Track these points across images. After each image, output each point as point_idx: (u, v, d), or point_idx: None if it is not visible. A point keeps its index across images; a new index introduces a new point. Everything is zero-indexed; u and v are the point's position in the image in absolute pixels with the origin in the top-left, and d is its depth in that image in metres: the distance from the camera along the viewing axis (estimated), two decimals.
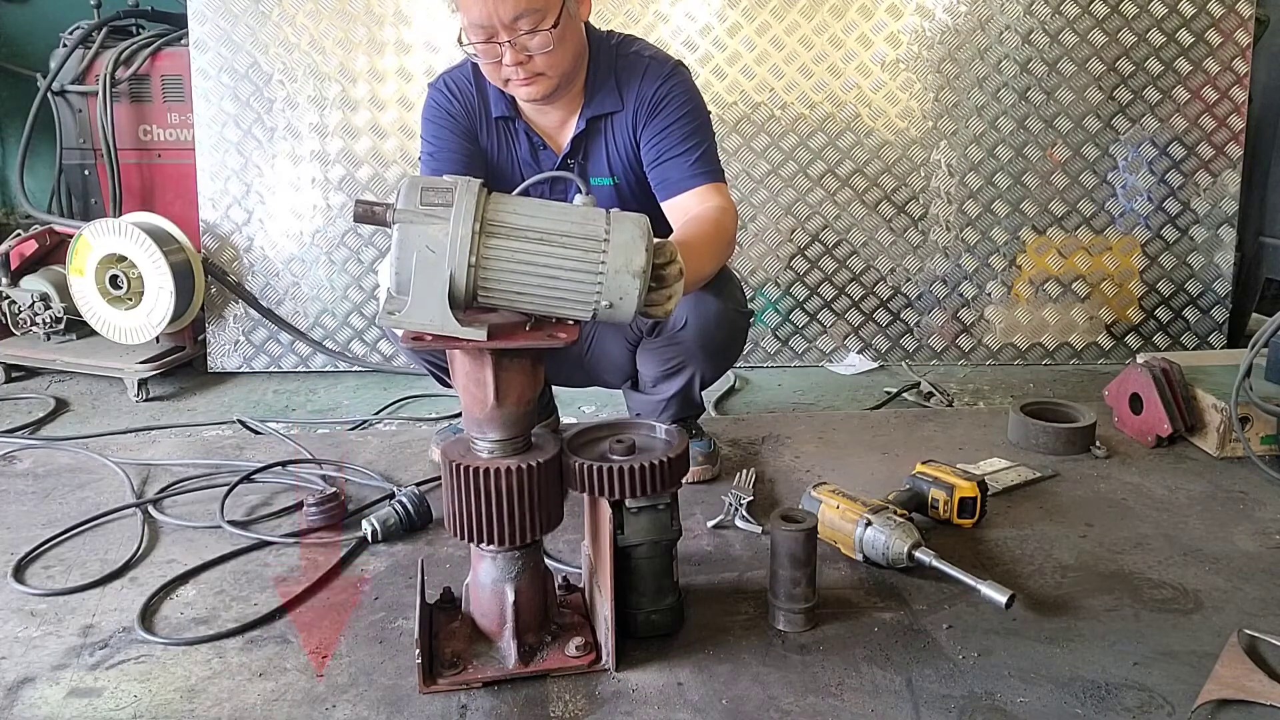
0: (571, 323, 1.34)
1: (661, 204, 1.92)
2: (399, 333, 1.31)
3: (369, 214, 1.29)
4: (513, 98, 1.93)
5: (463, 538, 1.39)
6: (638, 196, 1.97)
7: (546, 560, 1.54)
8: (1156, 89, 3.23)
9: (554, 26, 1.71)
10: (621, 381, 2.23)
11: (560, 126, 1.97)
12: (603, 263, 1.27)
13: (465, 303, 1.29)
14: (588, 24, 1.91)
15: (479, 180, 1.29)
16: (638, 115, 1.92)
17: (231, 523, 1.95)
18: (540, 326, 1.34)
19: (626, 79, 1.92)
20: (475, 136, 1.98)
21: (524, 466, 1.36)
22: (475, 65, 1.91)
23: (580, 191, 1.35)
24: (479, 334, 1.28)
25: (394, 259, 1.26)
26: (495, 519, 1.36)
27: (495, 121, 1.98)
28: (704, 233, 1.75)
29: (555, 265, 1.28)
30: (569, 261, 1.28)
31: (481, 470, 1.35)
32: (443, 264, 1.25)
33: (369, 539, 1.88)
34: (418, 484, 2.10)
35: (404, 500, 1.93)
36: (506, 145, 2.00)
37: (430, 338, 1.29)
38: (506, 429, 1.38)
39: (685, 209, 1.85)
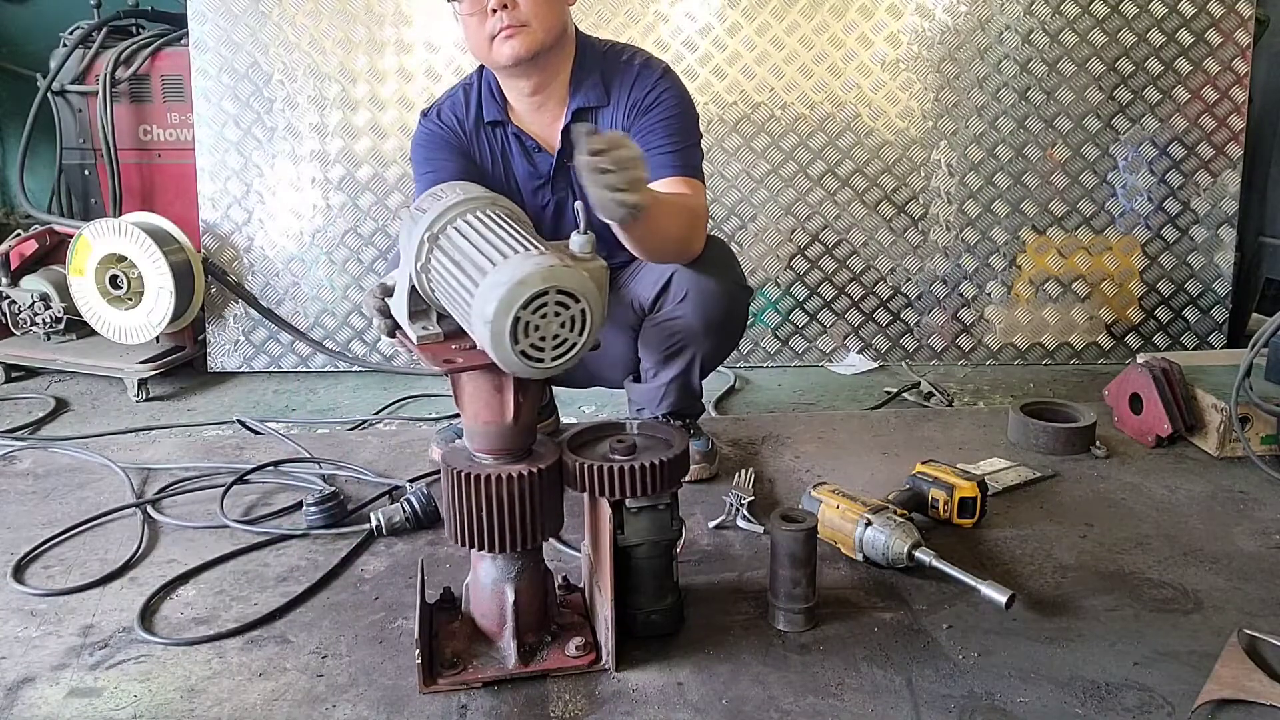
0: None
1: None
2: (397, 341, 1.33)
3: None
4: (504, 102, 2.00)
5: (464, 544, 1.39)
6: None
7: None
8: (1156, 89, 3.23)
9: None
10: (623, 377, 2.23)
11: (550, 125, 2.01)
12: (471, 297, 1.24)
13: (422, 307, 1.28)
14: (576, 29, 1.97)
15: (467, 185, 1.30)
16: (628, 116, 1.96)
17: (239, 520, 1.95)
18: None
19: (614, 78, 1.97)
20: (470, 156, 2.03)
21: (526, 473, 1.36)
22: (464, 88, 2.03)
23: (577, 227, 1.32)
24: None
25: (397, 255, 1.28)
26: (497, 526, 1.36)
27: (488, 129, 2.03)
28: (670, 198, 1.82)
29: (457, 288, 1.26)
30: (464, 290, 1.25)
31: (483, 478, 1.35)
32: (407, 266, 1.26)
33: (374, 533, 1.89)
34: (426, 481, 2.10)
35: (412, 499, 1.93)
36: (501, 152, 2.06)
37: (462, 360, 1.30)
38: (516, 441, 1.38)
39: None
